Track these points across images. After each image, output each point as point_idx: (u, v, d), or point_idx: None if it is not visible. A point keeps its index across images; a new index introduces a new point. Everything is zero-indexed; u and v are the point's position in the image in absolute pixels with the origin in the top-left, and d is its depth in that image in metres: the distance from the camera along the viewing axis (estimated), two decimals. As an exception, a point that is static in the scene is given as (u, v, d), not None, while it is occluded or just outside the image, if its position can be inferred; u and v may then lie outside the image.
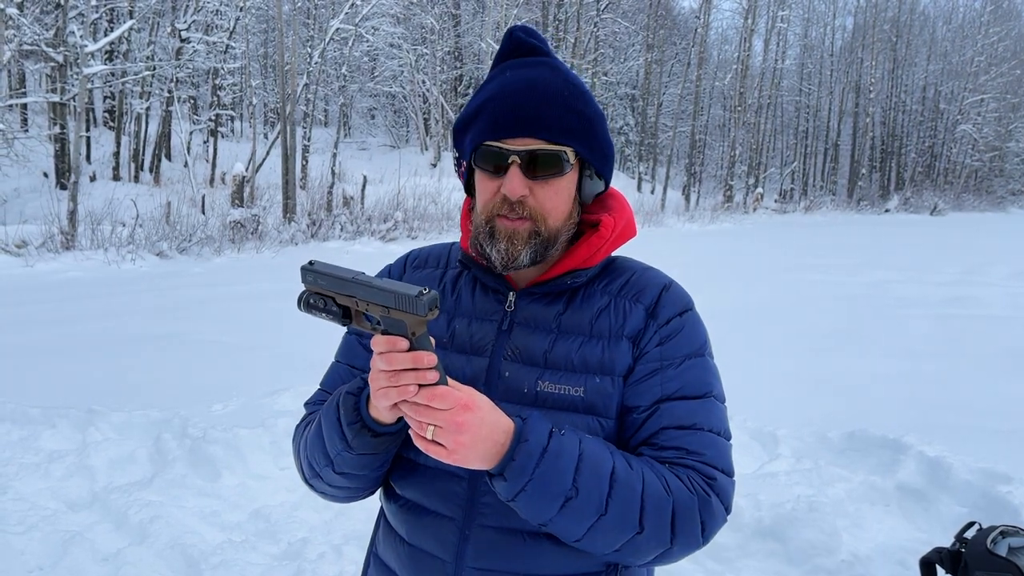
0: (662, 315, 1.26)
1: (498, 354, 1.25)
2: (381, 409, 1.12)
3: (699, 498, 1.13)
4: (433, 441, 1.06)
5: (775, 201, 39.20)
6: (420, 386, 1.04)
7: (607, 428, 1.21)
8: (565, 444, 1.09)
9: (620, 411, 1.22)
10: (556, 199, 1.22)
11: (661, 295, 1.28)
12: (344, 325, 1.12)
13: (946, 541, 3.02)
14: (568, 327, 1.25)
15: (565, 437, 1.10)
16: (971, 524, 2.96)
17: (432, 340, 1.07)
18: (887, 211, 38.34)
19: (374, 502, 1.44)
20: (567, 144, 1.20)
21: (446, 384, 1.06)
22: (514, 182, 1.18)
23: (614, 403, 1.21)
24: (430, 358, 1.04)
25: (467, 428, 1.04)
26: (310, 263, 1.14)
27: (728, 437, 1.23)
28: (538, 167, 1.19)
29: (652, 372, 1.22)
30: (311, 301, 1.14)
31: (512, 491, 1.08)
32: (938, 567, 2.88)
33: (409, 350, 1.03)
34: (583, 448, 1.10)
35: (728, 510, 1.18)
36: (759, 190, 36.88)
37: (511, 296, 1.28)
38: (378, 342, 1.06)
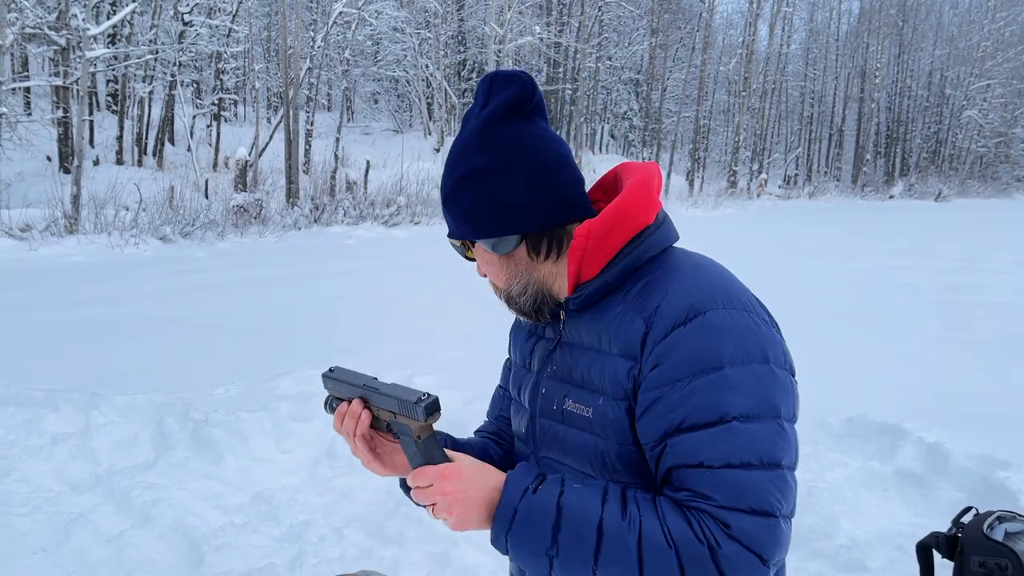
0: (659, 327, 1.10)
1: (543, 371, 1.27)
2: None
3: (708, 548, 1.01)
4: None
5: (779, 187, 39.07)
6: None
7: (622, 452, 1.14)
8: (538, 502, 1.07)
9: (635, 439, 1.14)
10: (490, 270, 1.26)
11: (664, 300, 1.12)
12: None
13: (944, 526, 3.03)
14: (588, 342, 1.20)
15: (539, 495, 1.07)
16: (968, 509, 2.97)
17: (440, 444, 1.15)
18: (891, 197, 38.22)
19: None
20: (458, 239, 1.26)
21: (431, 463, 1.13)
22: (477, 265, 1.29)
23: (619, 427, 1.14)
24: (352, 410, 1.20)
25: (453, 495, 1.08)
26: (331, 370, 1.24)
27: (768, 464, 1.04)
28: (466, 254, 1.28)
29: (654, 402, 1.08)
30: (333, 405, 1.25)
31: (501, 549, 1.10)
32: (935, 552, 2.90)
33: (417, 453, 1.14)
34: (563, 502, 1.06)
35: (764, 556, 1.02)
36: (763, 176, 36.76)
37: (562, 315, 1.26)
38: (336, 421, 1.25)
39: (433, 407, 1.10)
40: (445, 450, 1.15)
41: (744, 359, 1.07)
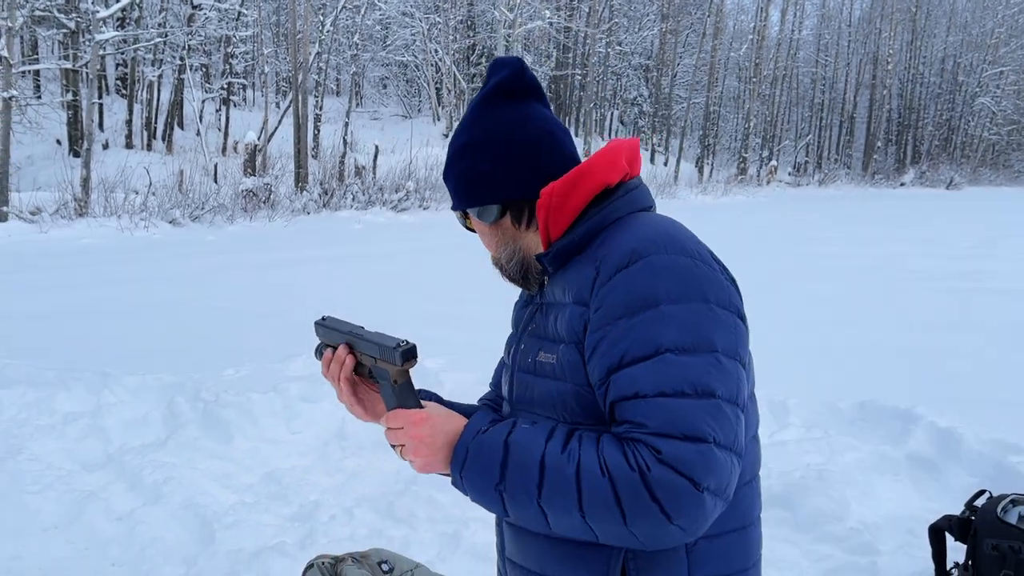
0: (604, 272, 1.16)
1: (525, 330, 1.35)
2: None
3: (639, 473, 1.02)
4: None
5: (789, 174, 38.88)
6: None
7: (578, 393, 1.19)
8: (486, 440, 1.14)
9: (589, 380, 1.18)
10: (483, 239, 1.39)
11: (611, 248, 1.18)
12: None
13: (956, 511, 3.01)
14: (557, 298, 1.27)
15: (488, 434, 1.15)
16: (981, 492, 2.96)
17: (415, 391, 1.23)
18: (902, 185, 38.01)
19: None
20: (458, 209, 1.38)
21: (404, 407, 1.21)
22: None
23: (574, 369, 1.19)
24: (338, 355, 1.30)
25: (420, 439, 1.18)
26: (323, 319, 1.34)
27: (701, 393, 1.06)
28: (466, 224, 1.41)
29: (599, 342, 1.13)
30: (322, 351, 1.34)
31: (460, 488, 1.18)
32: (947, 535, 2.89)
33: (393, 396, 1.23)
34: (510, 440, 1.13)
35: (696, 480, 1.02)
36: (773, 163, 36.59)
37: (546, 280, 1.34)
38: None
39: (410, 354, 1.18)
40: (419, 398, 1.23)
41: (681, 298, 1.11)
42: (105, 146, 21.58)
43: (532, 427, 1.15)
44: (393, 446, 1.23)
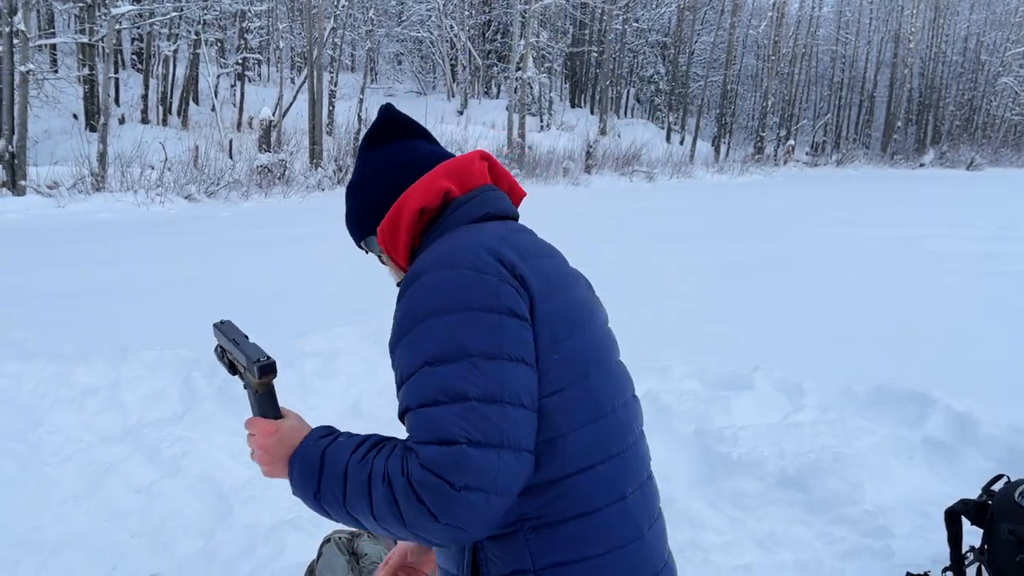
0: (397, 298, 1.26)
1: None
2: None
3: (406, 478, 1.11)
4: None
5: (807, 154, 38.54)
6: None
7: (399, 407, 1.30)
8: (308, 454, 1.23)
9: None
10: (389, 270, 1.51)
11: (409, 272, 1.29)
12: (231, 374, 1.39)
13: (971, 495, 3.00)
14: None
15: (311, 448, 1.24)
16: (999, 477, 2.95)
17: (276, 399, 1.32)
18: (922, 165, 37.58)
19: None
20: (359, 245, 1.52)
21: (264, 416, 1.31)
22: None
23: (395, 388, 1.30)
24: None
25: (267, 450, 1.28)
26: (220, 322, 1.42)
27: (453, 398, 1.13)
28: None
29: (393, 363, 1.25)
30: (216, 351, 1.41)
31: (297, 496, 1.27)
32: (963, 518, 2.88)
33: (255, 405, 1.33)
34: (326, 453, 1.22)
35: (450, 481, 1.09)
36: (791, 142, 36.25)
37: None
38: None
39: (267, 369, 1.27)
40: (282, 408, 1.32)
41: (440, 310, 1.18)
42: (121, 121, 21.64)
43: (347, 439, 1.23)
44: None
